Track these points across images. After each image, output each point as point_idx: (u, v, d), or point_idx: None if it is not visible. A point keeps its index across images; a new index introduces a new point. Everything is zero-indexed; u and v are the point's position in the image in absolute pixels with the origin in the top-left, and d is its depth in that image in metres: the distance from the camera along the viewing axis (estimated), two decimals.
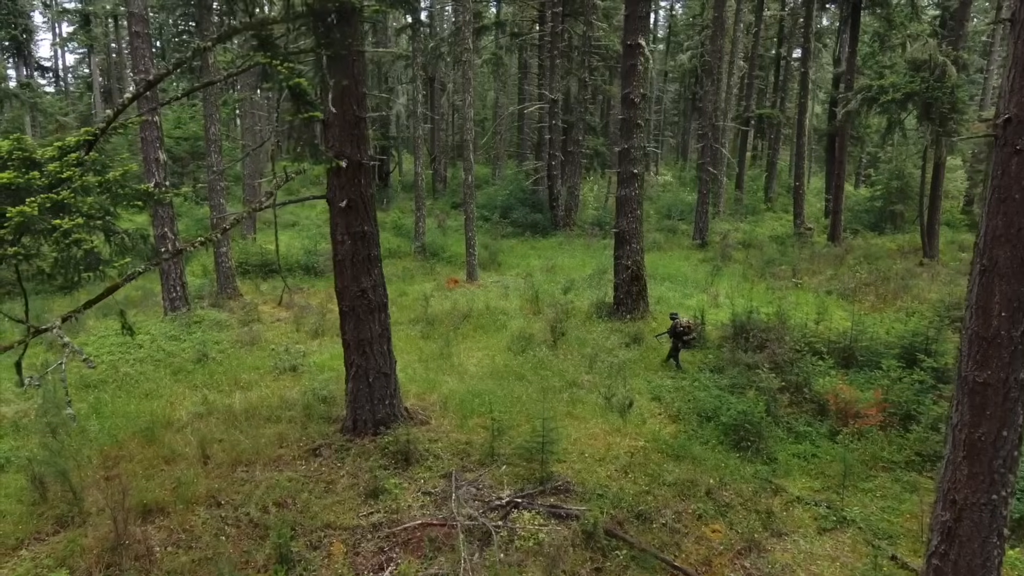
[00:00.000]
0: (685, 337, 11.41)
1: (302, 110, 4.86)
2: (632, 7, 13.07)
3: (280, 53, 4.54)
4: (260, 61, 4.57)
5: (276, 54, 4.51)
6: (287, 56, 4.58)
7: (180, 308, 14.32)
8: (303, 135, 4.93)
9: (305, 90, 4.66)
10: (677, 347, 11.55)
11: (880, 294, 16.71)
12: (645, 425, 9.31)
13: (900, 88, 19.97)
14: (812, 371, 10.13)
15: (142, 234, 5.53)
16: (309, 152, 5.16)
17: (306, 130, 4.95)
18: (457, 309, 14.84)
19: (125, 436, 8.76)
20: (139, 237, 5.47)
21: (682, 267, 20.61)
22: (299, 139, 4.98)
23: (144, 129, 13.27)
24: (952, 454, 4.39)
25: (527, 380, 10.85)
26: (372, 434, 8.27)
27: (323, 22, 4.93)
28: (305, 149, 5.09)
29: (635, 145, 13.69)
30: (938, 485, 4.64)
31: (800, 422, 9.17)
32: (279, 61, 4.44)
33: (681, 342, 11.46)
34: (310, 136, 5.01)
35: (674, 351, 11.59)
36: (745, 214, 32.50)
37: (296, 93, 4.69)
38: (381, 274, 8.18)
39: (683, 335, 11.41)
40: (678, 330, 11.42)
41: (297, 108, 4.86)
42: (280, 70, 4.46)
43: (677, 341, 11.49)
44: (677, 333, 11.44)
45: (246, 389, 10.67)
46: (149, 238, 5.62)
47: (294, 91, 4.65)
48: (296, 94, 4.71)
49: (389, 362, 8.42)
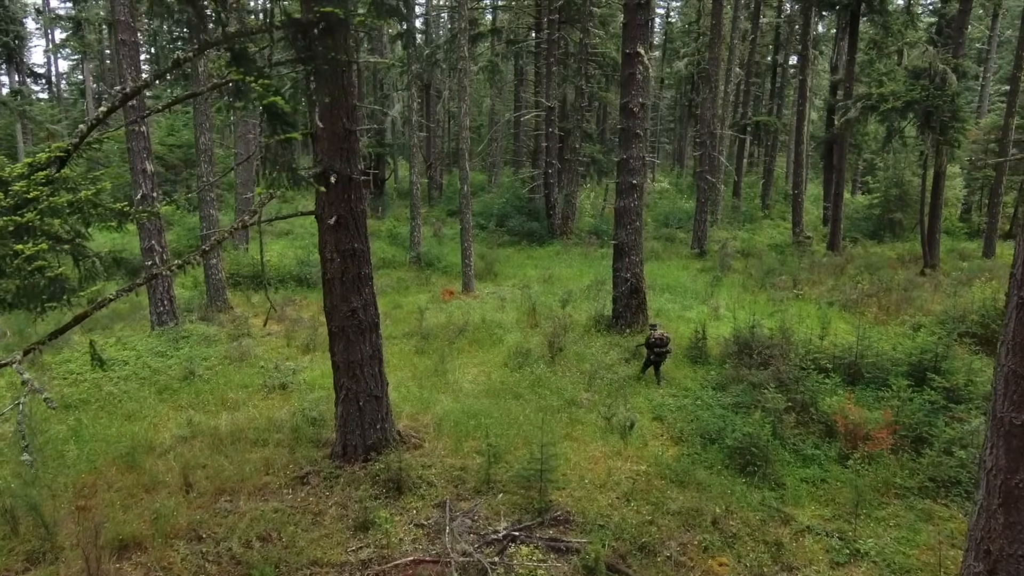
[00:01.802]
0: (657, 350, 11.17)
1: (279, 130, 4.48)
2: (631, 15, 12.81)
3: (255, 68, 4.19)
4: (233, 78, 4.22)
5: (250, 69, 4.15)
6: (262, 72, 4.22)
7: (168, 322, 13.94)
8: (280, 157, 4.57)
9: (282, 109, 4.28)
10: (650, 359, 11.34)
11: (883, 305, 16.43)
12: (647, 447, 8.97)
13: (900, 96, 19.77)
14: (818, 389, 9.81)
15: (115, 257, 5.19)
16: (287, 177, 4.78)
17: (284, 152, 4.59)
18: (452, 322, 14.50)
19: (104, 462, 8.38)
20: (111, 260, 5.11)
21: (681, 277, 20.31)
22: (275, 162, 4.62)
23: (131, 139, 12.91)
24: (986, 501, 4.06)
25: (524, 399, 10.51)
26: (363, 460, 7.91)
27: (305, 35, 4.61)
28: (282, 174, 4.71)
29: (634, 155, 13.40)
30: (969, 533, 4.31)
31: (808, 444, 8.84)
32: (253, 77, 4.08)
33: (653, 354, 11.23)
34: (287, 158, 4.64)
35: (647, 363, 11.41)
36: (743, 222, 32.28)
37: (272, 112, 4.32)
38: (372, 293, 7.85)
39: (654, 347, 11.18)
40: (650, 342, 11.23)
41: (273, 128, 4.49)
42: (254, 87, 4.10)
43: (650, 353, 11.29)
44: (649, 345, 11.25)
45: (233, 409, 10.29)
46: (123, 260, 5.26)
47: (269, 110, 4.28)
48: (272, 113, 4.33)
49: (380, 384, 8.07)
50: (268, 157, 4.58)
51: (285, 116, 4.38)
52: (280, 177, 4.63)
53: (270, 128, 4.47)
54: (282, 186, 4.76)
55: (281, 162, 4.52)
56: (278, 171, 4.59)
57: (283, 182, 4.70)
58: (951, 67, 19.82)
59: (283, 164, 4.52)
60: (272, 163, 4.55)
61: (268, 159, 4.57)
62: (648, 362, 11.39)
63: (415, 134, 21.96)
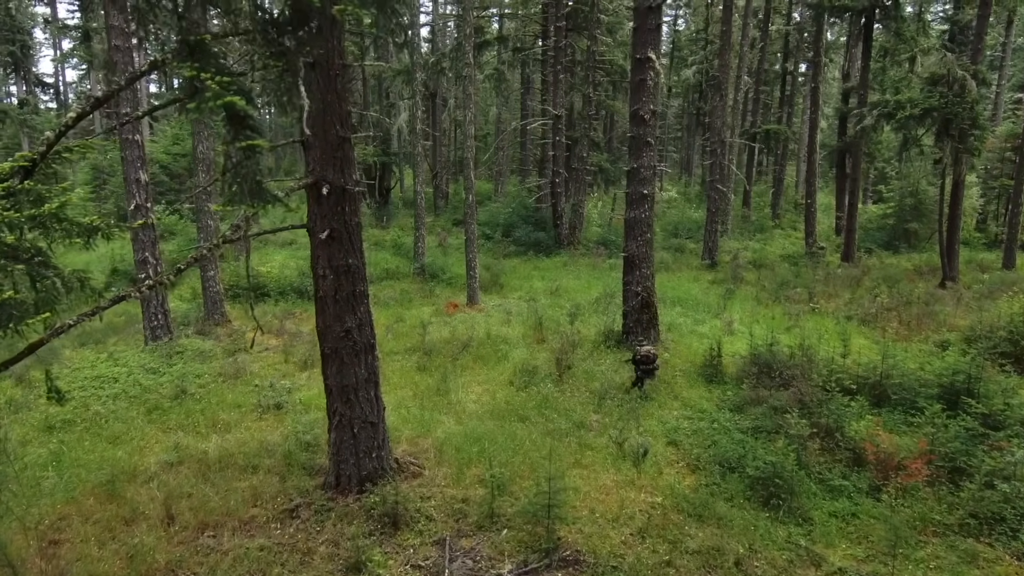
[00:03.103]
0: (643, 367, 10.94)
1: (240, 136, 3.92)
2: (642, 19, 12.33)
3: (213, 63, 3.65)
4: (186, 74, 3.68)
5: (206, 63, 3.61)
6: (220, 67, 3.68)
7: (162, 337, 13.48)
8: (242, 169, 3.99)
9: (243, 111, 3.72)
10: (639, 375, 11.08)
11: (904, 320, 15.80)
12: (662, 476, 8.39)
13: (918, 103, 19.19)
14: (844, 413, 9.20)
15: (80, 276, 4.68)
16: (248, 192, 4.17)
17: (247, 162, 4.01)
18: (456, 337, 13.97)
19: (83, 491, 7.87)
20: (76, 280, 4.62)
21: (692, 290, 19.73)
22: (236, 174, 4.03)
23: (125, 148, 12.50)
24: None
25: (531, 421, 9.95)
26: (357, 492, 7.37)
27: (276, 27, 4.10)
28: (244, 187, 4.11)
29: (645, 164, 12.88)
30: None
31: (835, 474, 8.23)
32: (210, 73, 3.54)
33: (639, 370, 11.00)
34: (251, 170, 4.07)
35: (636, 380, 11.13)
36: (753, 232, 31.71)
37: (232, 114, 3.76)
38: (368, 312, 7.33)
39: (640, 364, 10.96)
40: (636, 358, 11.02)
41: (234, 134, 3.93)
42: (210, 85, 3.55)
43: (636, 369, 11.08)
44: (636, 361, 11.03)
45: (224, 431, 9.78)
46: (89, 280, 4.78)
47: (228, 111, 3.71)
48: (232, 115, 3.77)
49: (377, 410, 7.54)
50: (228, 167, 4.02)
51: (247, 119, 3.83)
52: (241, 190, 4.06)
53: (230, 133, 3.92)
54: (242, 202, 4.21)
55: (244, 172, 3.96)
56: (239, 183, 4.02)
57: (243, 197, 4.15)
58: (970, 74, 19.25)
59: (246, 175, 3.96)
60: (234, 174, 3.99)
61: (228, 169, 4.01)
62: (637, 378, 11.14)
63: (420, 143, 21.52)
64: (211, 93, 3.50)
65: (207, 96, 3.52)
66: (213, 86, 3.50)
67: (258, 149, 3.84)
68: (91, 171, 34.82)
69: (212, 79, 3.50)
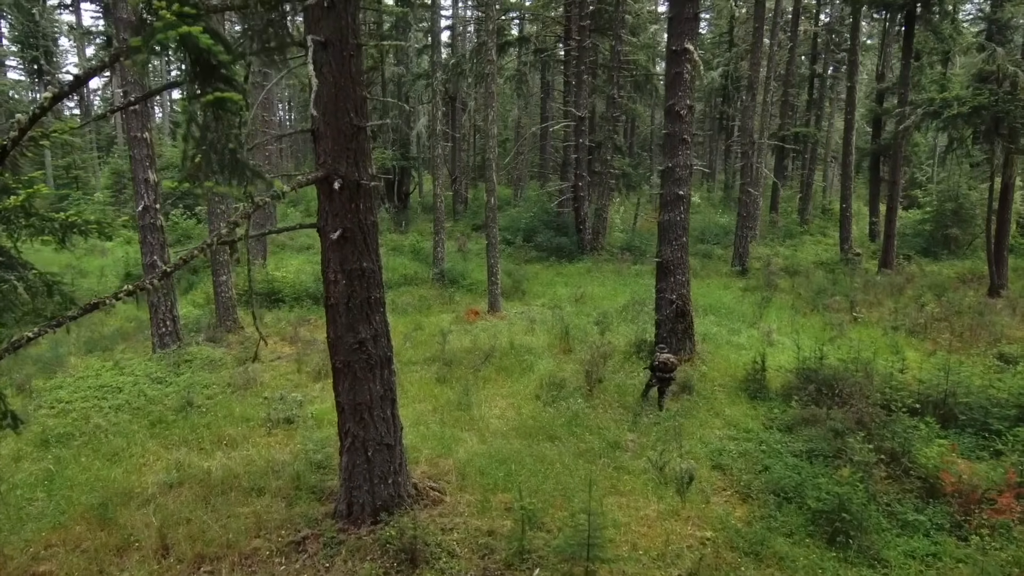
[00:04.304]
0: (659, 374, 10.20)
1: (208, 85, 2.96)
2: (678, 8, 11.52)
3: None
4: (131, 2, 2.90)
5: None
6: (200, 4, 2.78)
7: (170, 344, 12.88)
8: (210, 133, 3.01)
9: (209, 48, 2.69)
10: (651, 383, 10.41)
11: (956, 331, 14.71)
12: (709, 506, 7.52)
13: (966, 101, 18.08)
14: (912, 436, 8.26)
15: (48, 281, 3.99)
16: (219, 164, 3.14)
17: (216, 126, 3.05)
18: (478, 346, 13.20)
19: (74, 515, 7.20)
20: (43, 284, 3.93)
21: (724, 297, 18.79)
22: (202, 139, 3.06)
23: (133, 146, 11.97)
24: None
25: (560, 440, 9.13)
26: (371, 522, 6.60)
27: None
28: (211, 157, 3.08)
29: (681, 163, 12.04)
30: None
31: (906, 507, 7.30)
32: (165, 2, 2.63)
33: (655, 379, 10.28)
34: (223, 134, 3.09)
35: (647, 387, 10.48)
36: (782, 237, 30.61)
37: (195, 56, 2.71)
38: (384, 321, 6.58)
39: (657, 371, 10.21)
40: (654, 365, 10.26)
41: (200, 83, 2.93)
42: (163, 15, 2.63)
43: (652, 377, 10.35)
44: (653, 368, 10.28)
45: (230, 447, 9.09)
46: (59, 284, 4.09)
47: (189, 49, 2.72)
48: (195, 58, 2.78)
49: (393, 430, 6.77)
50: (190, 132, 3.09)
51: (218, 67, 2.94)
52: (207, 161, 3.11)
53: (195, 82, 3.01)
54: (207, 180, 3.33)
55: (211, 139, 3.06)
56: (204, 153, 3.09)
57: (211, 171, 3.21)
58: (1022, 70, 18.12)
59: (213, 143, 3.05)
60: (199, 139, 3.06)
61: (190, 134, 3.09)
62: (649, 386, 10.48)
63: (440, 145, 20.86)
64: (162, 23, 2.65)
65: (157, 27, 2.67)
66: (167, 15, 2.67)
67: (232, 104, 2.95)
68: (112, 175, 34.78)
69: (167, 8, 2.67)
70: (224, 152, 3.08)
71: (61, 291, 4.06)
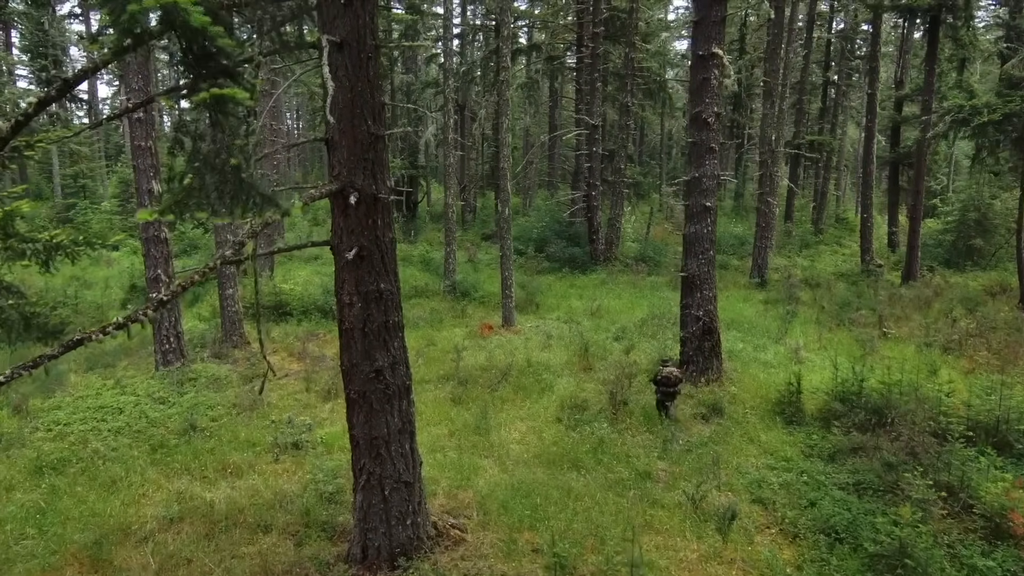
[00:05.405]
0: (662, 388, 9.96)
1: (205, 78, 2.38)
2: (705, 11, 11.00)
3: None
4: None
5: None
6: None
7: (174, 362, 12.37)
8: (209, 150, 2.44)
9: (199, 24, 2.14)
10: (658, 399, 10.14)
11: (994, 349, 14.04)
12: (753, 547, 6.91)
13: (996, 108, 17.47)
14: (970, 469, 7.63)
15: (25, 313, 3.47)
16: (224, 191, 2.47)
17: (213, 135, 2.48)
18: (494, 364, 12.63)
19: (66, 554, 6.66)
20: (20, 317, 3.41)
21: (744, 311, 18.17)
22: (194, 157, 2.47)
23: (136, 156, 11.52)
24: None
25: (586, 469, 8.54)
26: (388, 567, 6.03)
27: None
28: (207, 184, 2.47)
29: (707, 173, 11.49)
30: None
31: (972, 550, 6.66)
32: None
33: (660, 393, 10.02)
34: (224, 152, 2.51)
35: (658, 402, 10.16)
36: (798, 247, 29.99)
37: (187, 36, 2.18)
38: (403, 347, 6.03)
39: (660, 385, 9.98)
40: (657, 379, 10.00)
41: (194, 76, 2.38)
42: None
43: (656, 391, 10.11)
44: (657, 382, 10.01)
45: (235, 476, 8.55)
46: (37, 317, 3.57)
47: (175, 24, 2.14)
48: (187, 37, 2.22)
49: (412, 466, 6.20)
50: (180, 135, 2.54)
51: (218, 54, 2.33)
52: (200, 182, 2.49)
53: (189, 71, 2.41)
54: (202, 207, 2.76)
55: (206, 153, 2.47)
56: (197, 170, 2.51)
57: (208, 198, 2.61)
58: None
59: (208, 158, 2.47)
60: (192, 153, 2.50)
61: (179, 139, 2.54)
62: (660, 402, 10.14)
63: (451, 153, 20.38)
64: None
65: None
66: None
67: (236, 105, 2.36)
68: (119, 184, 34.50)
69: None
70: (224, 170, 2.50)
71: (39, 324, 3.54)
